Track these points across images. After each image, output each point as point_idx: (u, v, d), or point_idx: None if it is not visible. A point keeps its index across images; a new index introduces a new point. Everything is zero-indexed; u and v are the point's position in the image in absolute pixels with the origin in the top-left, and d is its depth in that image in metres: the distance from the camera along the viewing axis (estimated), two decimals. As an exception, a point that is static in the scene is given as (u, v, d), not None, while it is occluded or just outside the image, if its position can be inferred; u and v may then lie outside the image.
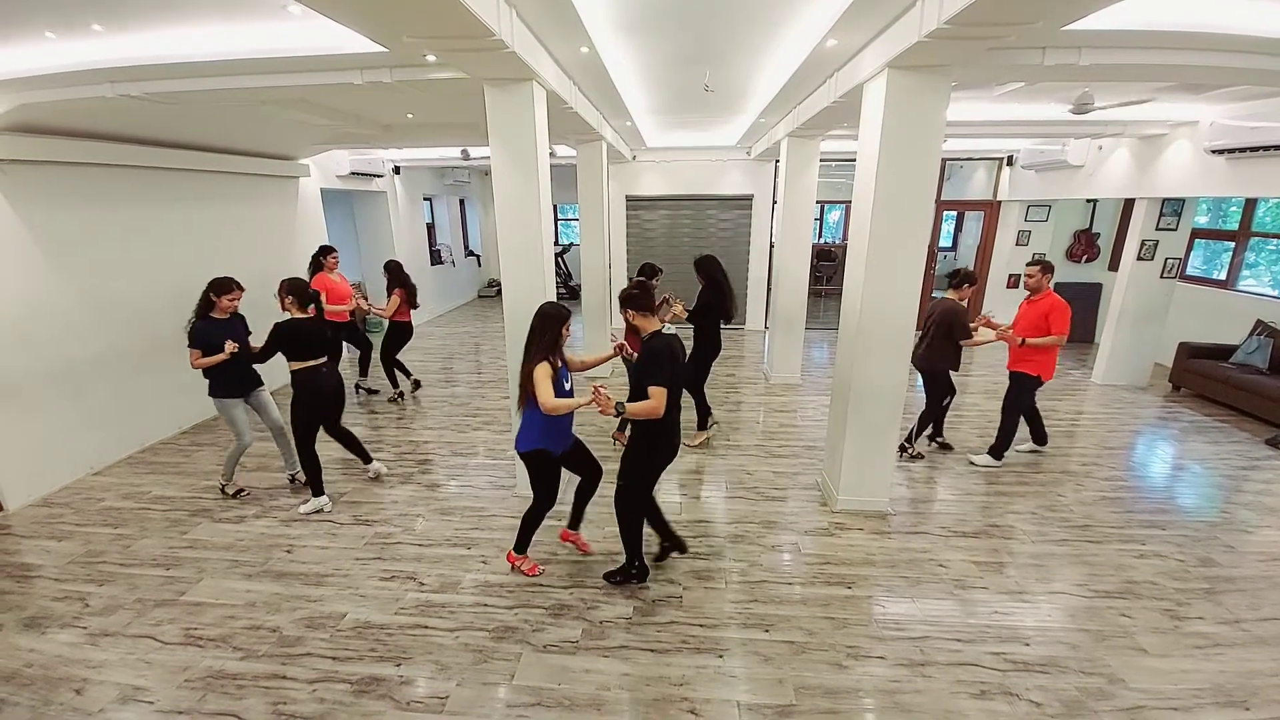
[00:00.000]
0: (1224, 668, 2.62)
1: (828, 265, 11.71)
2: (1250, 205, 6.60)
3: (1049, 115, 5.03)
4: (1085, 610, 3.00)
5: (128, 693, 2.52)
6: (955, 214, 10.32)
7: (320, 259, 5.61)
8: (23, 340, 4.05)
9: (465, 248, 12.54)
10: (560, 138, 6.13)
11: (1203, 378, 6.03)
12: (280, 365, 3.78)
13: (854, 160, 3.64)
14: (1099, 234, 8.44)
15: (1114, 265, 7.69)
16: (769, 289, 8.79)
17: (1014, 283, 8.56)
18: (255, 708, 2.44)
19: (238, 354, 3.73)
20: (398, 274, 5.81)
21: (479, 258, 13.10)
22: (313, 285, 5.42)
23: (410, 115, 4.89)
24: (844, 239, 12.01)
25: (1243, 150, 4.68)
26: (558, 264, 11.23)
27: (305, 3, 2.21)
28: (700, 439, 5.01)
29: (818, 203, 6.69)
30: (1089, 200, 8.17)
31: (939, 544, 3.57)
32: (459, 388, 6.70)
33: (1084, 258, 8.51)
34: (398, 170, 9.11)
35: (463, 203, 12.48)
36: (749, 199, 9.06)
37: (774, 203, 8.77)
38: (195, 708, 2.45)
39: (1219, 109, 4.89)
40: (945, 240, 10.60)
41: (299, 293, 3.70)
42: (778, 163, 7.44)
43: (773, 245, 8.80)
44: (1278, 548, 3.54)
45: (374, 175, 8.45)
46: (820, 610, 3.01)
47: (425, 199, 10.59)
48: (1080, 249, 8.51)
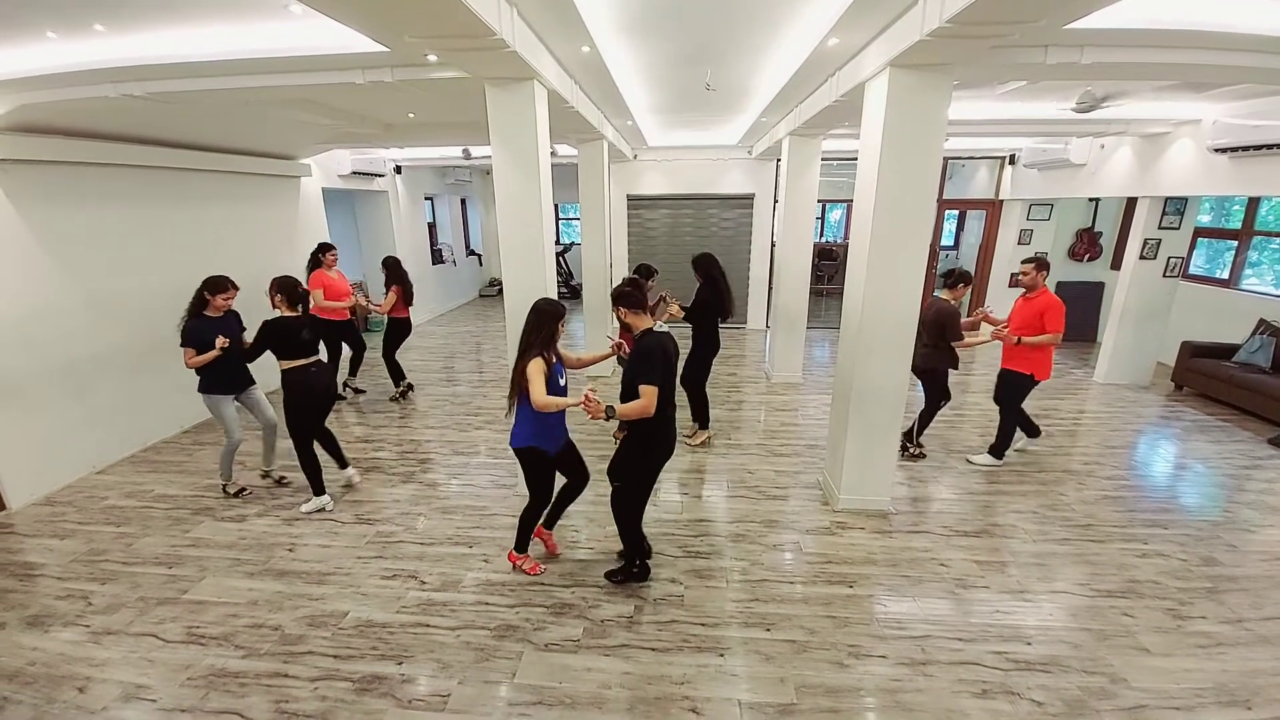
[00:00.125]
0: (1226, 667, 2.62)
1: (829, 264, 11.70)
2: (1253, 204, 6.58)
3: (1051, 114, 5.02)
4: (1087, 609, 3.00)
5: (130, 691, 2.53)
6: (957, 213, 10.29)
7: (319, 256, 5.62)
8: (25, 339, 4.07)
9: (466, 247, 12.55)
10: (561, 137, 6.13)
11: (1205, 377, 6.02)
12: (274, 367, 3.77)
13: (855, 159, 3.63)
14: (1101, 233, 8.42)
15: (1116, 264, 7.67)
16: (770, 288, 8.79)
17: (1016, 282, 8.52)
18: (257, 706, 2.45)
19: (230, 350, 3.74)
20: (395, 270, 5.83)
21: (480, 257, 13.10)
22: (311, 282, 5.47)
23: (412, 115, 4.89)
24: (845, 238, 12.00)
25: (1245, 149, 4.67)
26: (559, 263, 11.23)
27: (307, 2, 2.21)
28: (701, 438, 5.00)
29: (819, 202, 6.67)
30: (1091, 199, 8.15)
31: (940, 543, 3.57)
32: (460, 386, 6.71)
33: (1086, 256, 8.49)
34: (399, 170, 9.12)
35: (464, 202, 12.48)
36: (750, 198, 9.05)
37: (775, 202, 8.76)
38: (198, 706, 2.45)
39: (1222, 107, 4.87)
40: (947, 239, 10.59)
41: (288, 291, 3.69)
42: (779, 162, 7.43)
43: (774, 244, 8.80)
44: (1280, 547, 3.54)
45: (375, 175, 8.46)
46: (822, 609, 3.01)
47: (427, 198, 10.60)
48: (1083, 248, 8.48)
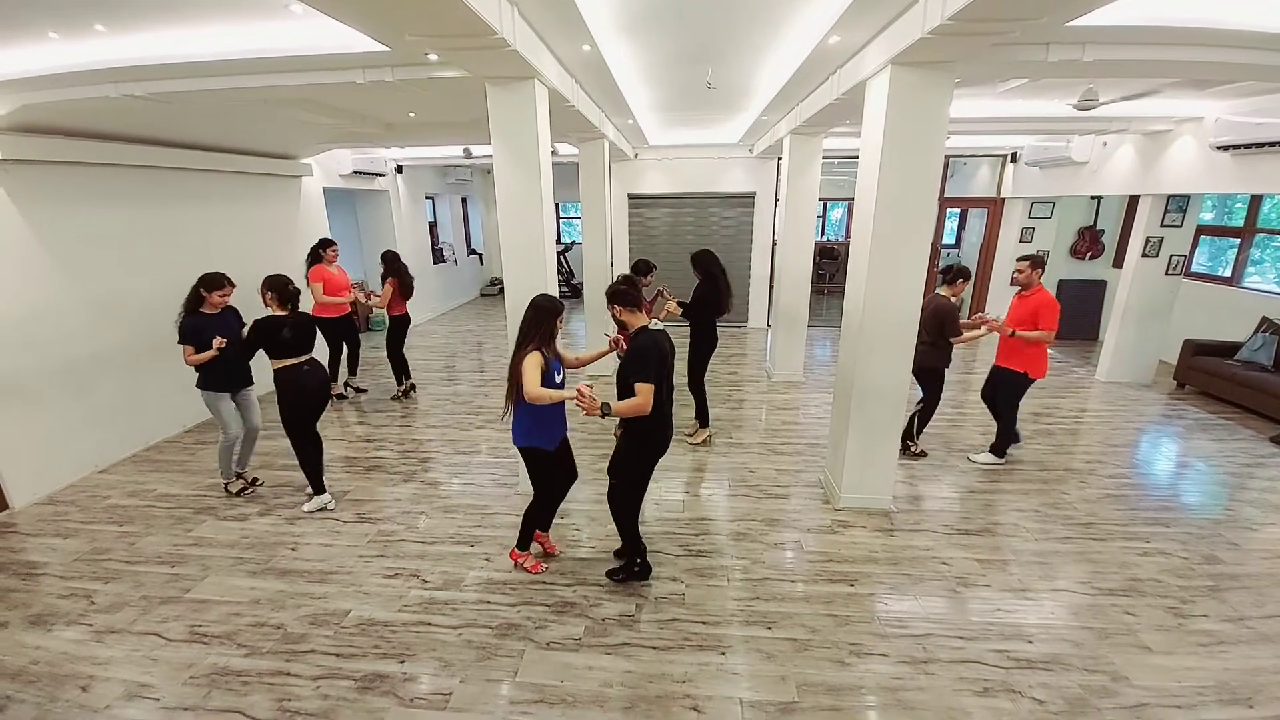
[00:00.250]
0: (1228, 665, 2.61)
1: (830, 263, 11.70)
2: (1256, 201, 6.56)
3: (1053, 111, 5.01)
4: (1089, 608, 3.00)
5: (133, 690, 2.54)
6: (959, 211, 10.27)
7: (319, 251, 5.62)
8: (27, 339, 4.07)
9: (467, 246, 12.55)
10: (562, 136, 6.13)
11: (1207, 375, 6.01)
12: (268, 369, 3.75)
13: (857, 157, 3.63)
14: (1103, 231, 8.40)
15: (1118, 262, 7.67)
16: (771, 287, 8.79)
17: (1013, 280, 8.52)
18: (260, 704, 2.46)
19: (228, 349, 3.74)
20: (393, 264, 5.80)
21: (481, 256, 13.11)
22: (311, 276, 5.47)
23: (412, 114, 4.89)
24: (846, 236, 11.99)
25: (1248, 146, 4.65)
26: (560, 262, 11.22)
27: (307, 2, 2.21)
28: (702, 437, 5.00)
29: (820, 200, 6.67)
30: (1093, 197, 8.12)
31: (942, 541, 3.57)
32: (461, 386, 6.71)
33: (1088, 255, 8.47)
34: (400, 169, 9.12)
35: (465, 201, 12.48)
36: (751, 196, 9.04)
37: (776, 200, 8.74)
38: (200, 704, 2.46)
39: (1224, 105, 4.85)
40: (949, 237, 10.57)
41: (279, 289, 3.68)
42: (780, 160, 7.41)
43: (775, 243, 8.79)
44: (1282, 545, 3.53)
45: (376, 174, 8.46)
46: (823, 607, 3.01)
47: (427, 198, 10.60)
48: (1084, 246, 8.46)
